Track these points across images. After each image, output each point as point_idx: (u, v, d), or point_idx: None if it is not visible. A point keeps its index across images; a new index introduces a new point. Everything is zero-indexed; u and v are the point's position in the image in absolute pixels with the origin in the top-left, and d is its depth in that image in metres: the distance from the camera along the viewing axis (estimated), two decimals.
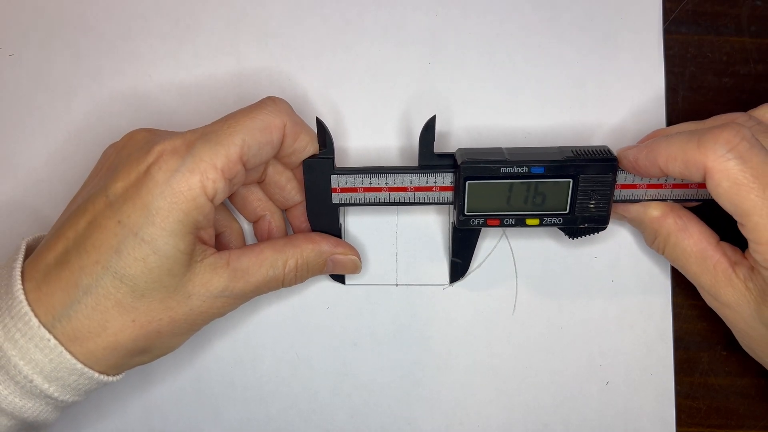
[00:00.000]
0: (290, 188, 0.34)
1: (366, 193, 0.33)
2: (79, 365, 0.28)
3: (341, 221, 0.35)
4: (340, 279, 0.36)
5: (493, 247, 0.36)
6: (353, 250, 0.34)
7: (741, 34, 0.36)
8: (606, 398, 0.36)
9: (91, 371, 0.28)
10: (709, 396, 0.36)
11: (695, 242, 0.31)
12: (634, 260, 0.35)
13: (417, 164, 0.33)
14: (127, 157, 0.29)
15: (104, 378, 0.29)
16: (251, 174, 0.33)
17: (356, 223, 0.36)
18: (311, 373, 0.36)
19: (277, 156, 0.32)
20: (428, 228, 0.36)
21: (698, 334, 0.36)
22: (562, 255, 0.36)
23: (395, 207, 0.36)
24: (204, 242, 0.30)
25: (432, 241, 0.36)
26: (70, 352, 0.28)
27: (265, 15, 0.36)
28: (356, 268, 0.34)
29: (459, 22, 0.36)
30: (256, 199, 0.34)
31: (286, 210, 0.35)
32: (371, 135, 0.36)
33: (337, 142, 0.35)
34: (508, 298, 0.36)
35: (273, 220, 0.34)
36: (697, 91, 0.36)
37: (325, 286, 0.36)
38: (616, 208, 0.33)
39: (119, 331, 0.28)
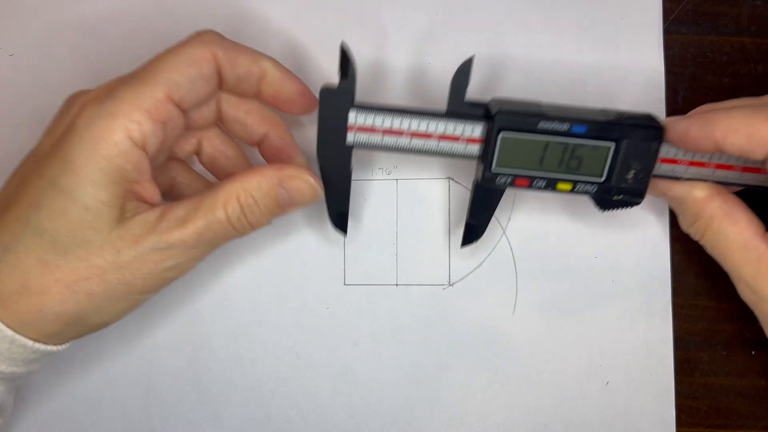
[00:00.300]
0: (251, 121, 0.31)
1: (385, 136, 0.30)
2: (9, 332, 0.26)
3: (352, 166, 0.32)
4: (342, 226, 0.33)
5: (493, 247, 0.36)
6: (305, 170, 0.29)
7: (741, 34, 0.36)
8: (606, 398, 0.36)
9: (22, 338, 0.27)
10: (709, 396, 0.36)
11: (740, 230, 0.29)
12: (634, 260, 0.35)
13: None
14: (56, 116, 0.28)
15: (40, 346, 0.27)
16: (201, 115, 0.31)
17: (356, 223, 0.36)
18: (311, 373, 0.36)
19: (227, 89, 0.30)
20: (428, 228, 0.36)
21: (698, 334, 0.36)
22: (562, 255, 0.36)
23: (395, 206, 0.36)
24: (141, 199, 0.28)
25: (432, 241, 0.36)
26: None
27: (265, 15, 0.36)
28: (315, 192, 0.30)
29: (459, 21, 0.36)
30: (220, 143, 0.32)
31: (258, 147, 0.33)
32: None
33: None
34: (508, 298, 0.36)
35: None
36: (697, 91, 0.36)
37: (325, 286, 0.36)
38: (657, 185, 0.31)
39: (43, 292, 0.26)
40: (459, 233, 0.36)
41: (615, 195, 0.31)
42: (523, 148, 0.29)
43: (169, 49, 0.28)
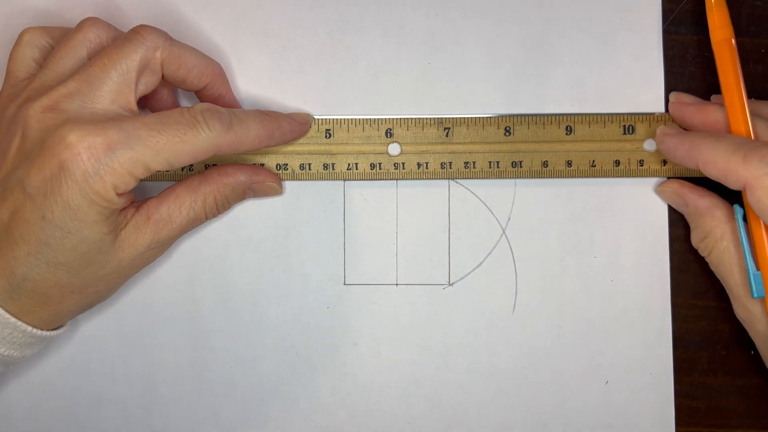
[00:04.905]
0: (191, 78, 0.32)
1: None
2: (12, 319, 0.29)
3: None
4: None
5: (492, 247, 0.36)
6: (271, 176, 0.34)
7: (741, 35, 0.36)
8: (606, 398, 0.36)
9: (24, 324, 0.29)
10: (709, 396, 0.36)
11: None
12: (634, 260, 0.36)
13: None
14: (41, 145, 0.28)
15: (38, 332, 0.30)
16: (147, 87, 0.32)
17: (356, 223, 0.36)
18: (311, 373, 0.36)
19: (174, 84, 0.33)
20: (428, 228, 0.36)
21: (698, 334, 0.36)
22: (562, 255, 0.36)
23: (395, 206, 0.36)
24: (124, 208, 0.30)
25: (432, 241, 0.36)
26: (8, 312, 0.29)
27: (265, 15, 0.36)
28: (277, 192, 0.35)
29: (459, 22, 0.36)
30: (166, 95, 0.34)
31: (196, 94, 0.34)
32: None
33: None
34: (508, 298, 0.36)
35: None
36: (697, 91, 0.36)
37: (325, 286, 0.36)
38: (685, 194, 0.34)
39: (60, 302, 0.30)
40: (459, 233, 0.36)
41: None
42: None
43: (176, 125, 0.29)
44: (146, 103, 0.35)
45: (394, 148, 0.35)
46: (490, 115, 0.35)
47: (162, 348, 0.36)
